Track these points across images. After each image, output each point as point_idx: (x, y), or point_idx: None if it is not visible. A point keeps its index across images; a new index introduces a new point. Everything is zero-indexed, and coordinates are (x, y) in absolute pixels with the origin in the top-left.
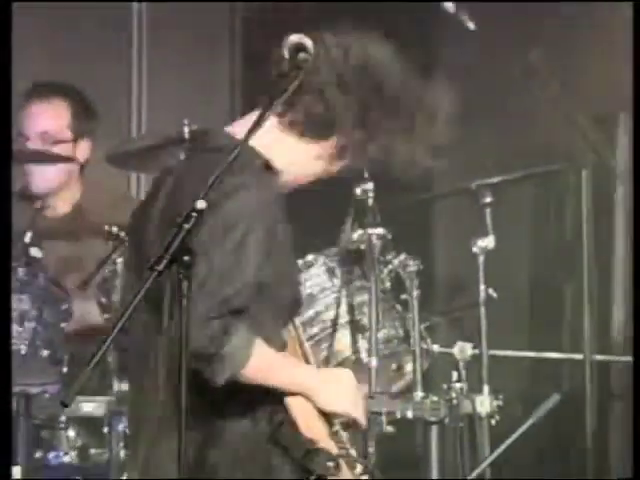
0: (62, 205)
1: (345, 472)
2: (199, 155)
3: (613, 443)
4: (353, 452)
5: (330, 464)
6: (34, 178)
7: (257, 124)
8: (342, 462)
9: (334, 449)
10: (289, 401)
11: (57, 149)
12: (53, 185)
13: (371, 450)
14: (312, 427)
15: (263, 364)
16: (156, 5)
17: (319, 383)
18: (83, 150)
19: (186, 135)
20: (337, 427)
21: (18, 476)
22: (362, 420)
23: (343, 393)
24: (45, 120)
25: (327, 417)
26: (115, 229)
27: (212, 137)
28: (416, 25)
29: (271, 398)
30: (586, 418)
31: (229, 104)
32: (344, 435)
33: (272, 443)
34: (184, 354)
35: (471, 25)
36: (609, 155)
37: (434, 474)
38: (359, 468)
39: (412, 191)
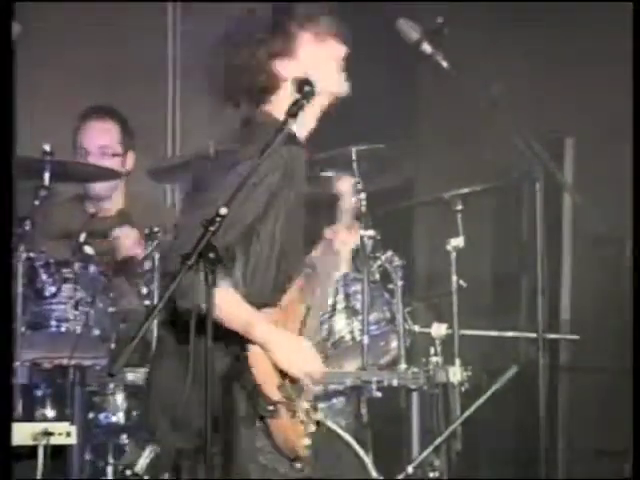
0: (110, 208)
1: (284, 417)
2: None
3: (561, 405)
4: (301, 404)
5: (270, 408)
6: (93, 186)
7: (268, 145)
8: (282, 409)
9: (275, 397)
10: (251, 349)
11: (113, 161)
12: (107, 191)
13: (364, 411)
14: (262, 375)
15: (223, 304)
16: (188, 43)
17: (278, 341)
18: (129, 162)
19: (211, 153)
20: (285, 380)
21: (75, 433)
22: (311, 386)
23: (297, 357)
24: (102, 136)
25: (279, 371)
26: (156, 229)
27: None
28: (400, 63)
29: (236, 343)
30: (539, 386)
31: None
32: (289, 387)
33: (234, 375)
34: (209, 331)
35: (445, 64)
36: (557, 170)
37: (414, 431)
38: (302, 416)
39: (397, 200)
